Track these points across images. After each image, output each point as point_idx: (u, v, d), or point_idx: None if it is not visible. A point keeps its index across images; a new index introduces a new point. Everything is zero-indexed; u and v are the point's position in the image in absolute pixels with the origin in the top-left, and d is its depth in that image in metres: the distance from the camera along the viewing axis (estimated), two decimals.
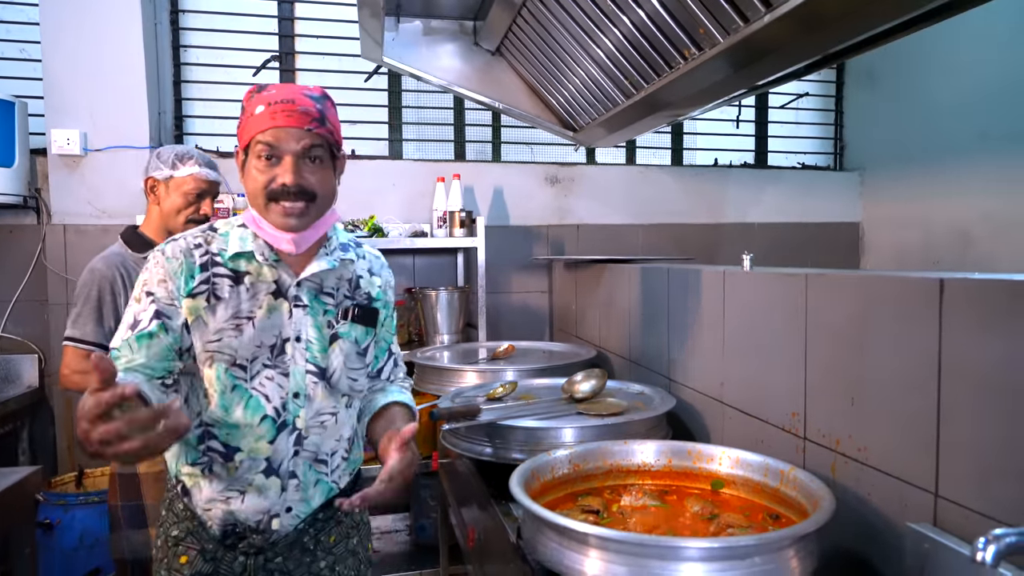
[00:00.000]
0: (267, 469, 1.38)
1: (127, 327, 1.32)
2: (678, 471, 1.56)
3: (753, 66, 1.91)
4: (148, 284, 1.35)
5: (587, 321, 3.06)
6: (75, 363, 2.04)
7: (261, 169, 1.32)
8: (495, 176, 3.68)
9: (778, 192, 4.12)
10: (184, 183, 2.12)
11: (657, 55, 2.06)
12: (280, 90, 1.35)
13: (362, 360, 1.51)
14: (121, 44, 3.08)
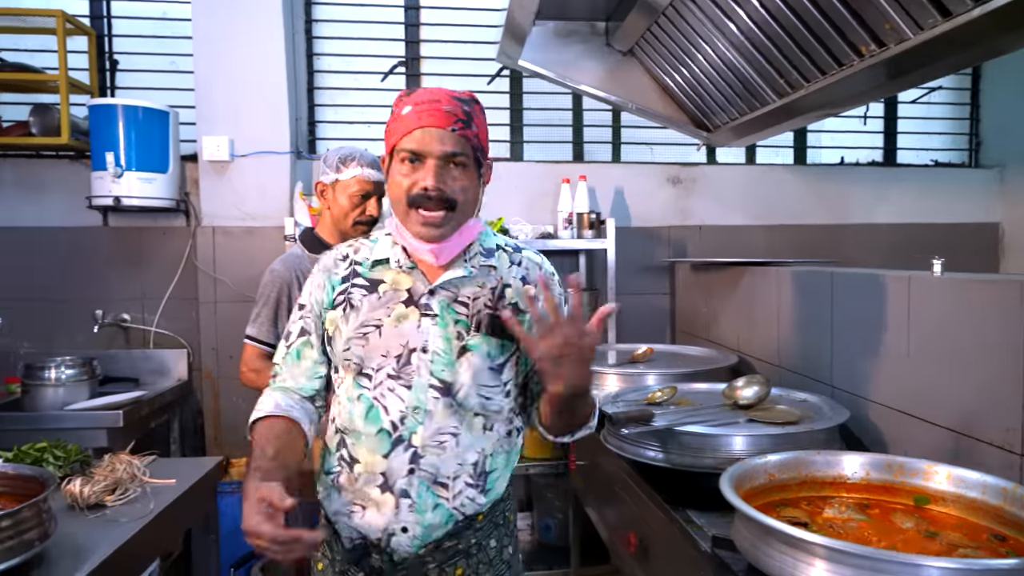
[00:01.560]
0: (383, 485, 1.31)
1: (284, 340, 1.42)
2: (877, 484, 1.50)
3: (935, 65, 1.83)
4: (303, 296, 1.43)
5: (721, 324, 3.00)
6: (252, 361, 2.15)
7: (404, 173, 1.29)
8: (615, 176, 3.66)
9: (907, 191, 3.94)
10: (348, 185, 2.16)
11: (825, 51, 2.00)
12: (427, 91, 1.32)
13: (497, 377, 1.36)
14: (264, 55, 3.22)
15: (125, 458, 1.82)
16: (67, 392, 2.74)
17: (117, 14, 3.43)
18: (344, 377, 1.37)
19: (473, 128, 1.31)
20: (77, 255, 3.29)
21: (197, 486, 1.83)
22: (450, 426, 1.32)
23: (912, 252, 3.92)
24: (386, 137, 1.33)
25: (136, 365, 3.27)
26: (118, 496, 1.62)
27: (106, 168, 2.99)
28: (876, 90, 2.17)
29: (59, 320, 3.28)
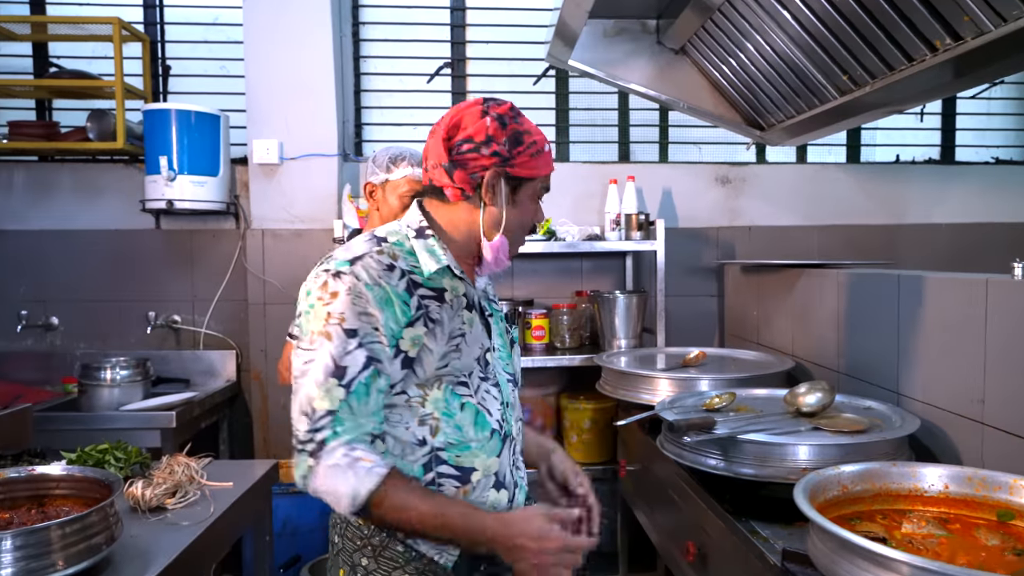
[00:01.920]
0: (496, 484, 1.35)
1: (329, 375, 1.18)
2: (957, 498, 1.43)
3: (1009, 60, 1.75)
4: (346, 318, 1.20)
5: (774, 328, 2.93)
6: (289, 359, 2.17)
7: (535, 205, 1.38)
8: (662, 177, 3.60)
9: (967, 190, 3.80)
10: (398, 185, 2.15)
11: (894, 46, 1.92)
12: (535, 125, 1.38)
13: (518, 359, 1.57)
14: (313, 58, 3.25)
15: (183, 460, 1.84)
16: (122, 392, 2.79)
17: (170, 20, 3.49)
18: (433, 392, 1.29)
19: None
20: (130, 257, 3.36)
21: (254, 489, 1.84)
22: (519, 412, 1.48)
23: (974, 253, 3.79)
24: (522, 159, 1.30)
25: (186, 366, 3.32)
26: (179, 499, 1.63)
27: (159, 172, 3.04)
28: (946, 87, 2.09)
29: (113, 321, 3.35)
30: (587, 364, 3.00)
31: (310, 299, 1.24)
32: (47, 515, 1.39)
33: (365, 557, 1.31)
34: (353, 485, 1.15)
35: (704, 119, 3.10)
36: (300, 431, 1.19)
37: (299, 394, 1.20)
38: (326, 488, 1.17)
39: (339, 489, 1.16)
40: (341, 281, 1.22)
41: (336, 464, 1.16)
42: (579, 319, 3.33)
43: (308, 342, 1.22)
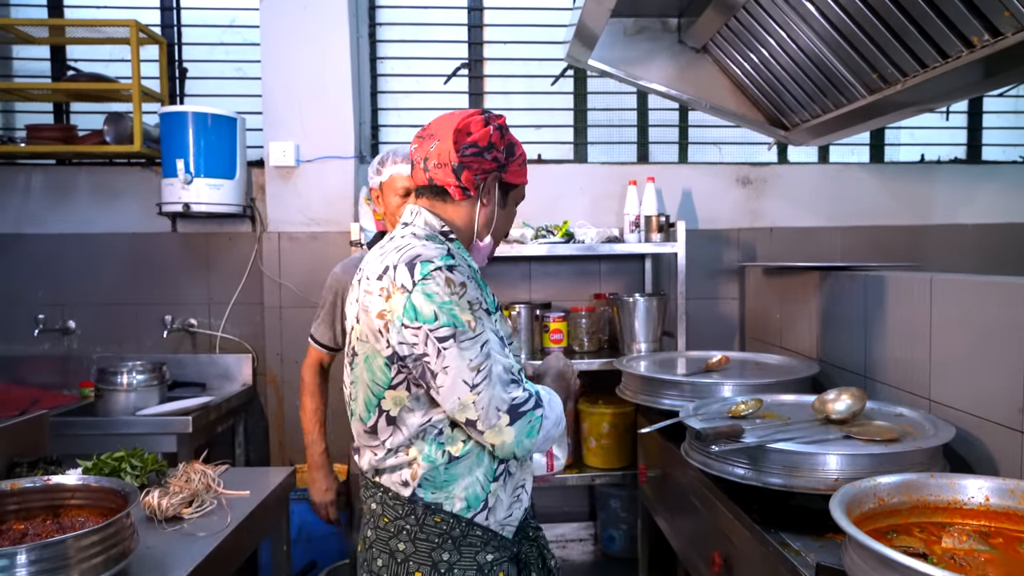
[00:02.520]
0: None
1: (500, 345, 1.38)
2: (998, 511, 1.38)
3: None
4: (482, 302, 1.36)
5: (796, 331, 2.87)
6: (309, 359, 2.24)
7: (513, 208, 1.54)
8: (682, 177, 3.55)
9: (995, 190, 3.72)
10: (392, 183, 2.15)
11: (928, 43, 1.86)
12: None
13: None
14: (330, 60, 3.22)
15: (199, 468, 1.81)
16: (138, 397, 2.78)
17: (187, 22, 3.48)
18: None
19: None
20: (147, 260, 3.35)
21: (271, 497, 1.81)
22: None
23: (1002, 254, 3.71)
24: (514, 167, 1.47)
25: (202, 370, 3.31)
26: (195, 509, 1.61)
27: (176, 175, 3.03)
28: (980, 85, 2.02)
29: (129, 324, 3.35)
30: (606, 368, 2.95)
31: (439, 295, 1.28)
32: (63, 526, 1.37)
33: (447, 551, 1.36)
34: (559, 401, 1.46)
35: (726, 119, 3.04)
36: (518, 396, 1.33)
37: (496, 373, 1.31)
38: (554, 418, 1.40)
39: (559, 410, 1.44)
40: (459, 273, 1.33)
41: (548, 400, 1.41)
42: (597, 322, 3.28)
43: (471, 329, 1.30)
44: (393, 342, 1.30)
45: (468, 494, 1.38)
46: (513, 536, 1.46)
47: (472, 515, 1.38)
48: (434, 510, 1.37)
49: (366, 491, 1.44)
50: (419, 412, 1.34)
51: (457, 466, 1.37)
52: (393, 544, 1.37)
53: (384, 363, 1.33)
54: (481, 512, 1.39)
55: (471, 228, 1.46)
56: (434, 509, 1.37)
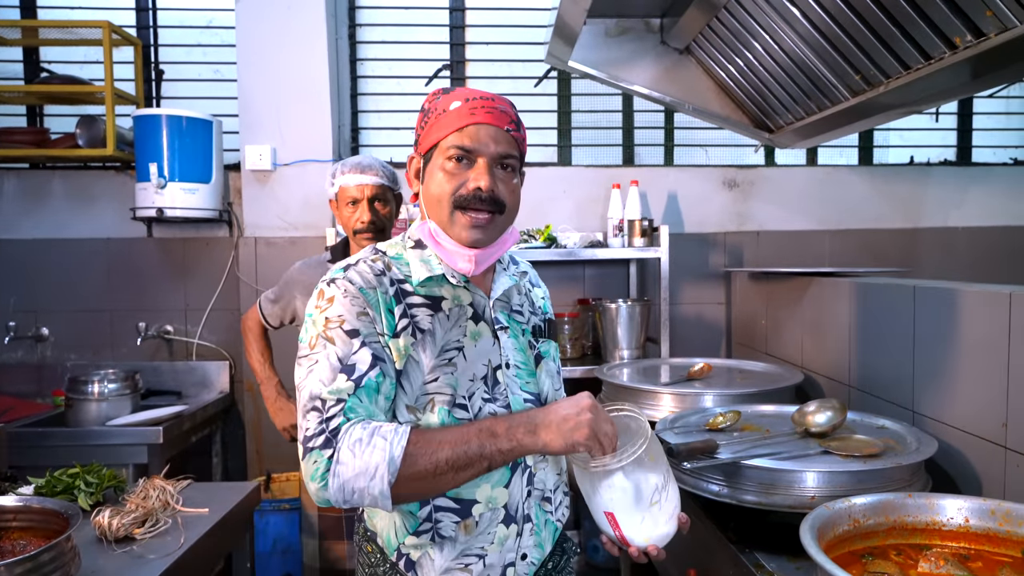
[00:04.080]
0: (505, 517, 1.22)
1: (336, 371, 1.10)
2: (979, 533, 1.32)
3: None
4: (345, 319, 1.13)
5: (783, 338, 2.81)
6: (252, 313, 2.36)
7: (451, 171, 1.18)
8: (668, 181, 3.49)
9: (986, 192, 3.66)
10: (343, 194, 2.13)
11: (910, 44, 1.81)
12: (475, 89, 1.25)
13: (559, 379, 1.41)
14: (308, 62, 3.17)
15: (159, 483, 1.75)
16: (109, 406, 2.72)
17: (163, 23, 3.42)
18: (426, 416, 1.17)
19: (522, 131, 1.26)
20: (122, 266, 3.29)
21: (232, 514, 1.75)
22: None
23: (995, 258, 3.66)
24: (422, 136, 1.23)
25: (179, 377, 3.25)
26: (148, 528, 1.55)
27: (149, 179, 2.97)
28: (965, 87, 1.97)
29: (104, 332, 3.29)
30: (588, 376, 2.89)
31: (308, 310, 1.19)
32: (2, 550, 1.31)
33: None
34: (384, 448, 1.05)
35: (710, 121, 2.99)
36: (310, 427, 1.08)
37: (302, 396, 1.12)
38: (356, 468, 1.04)
39: (371, 460, 1.05)
40: (336, 286, 1.17)
41: (359, 439, 1.06)
42: (581, 328, 3.22)
43: (309, 347, 1.15)
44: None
45: (388, 535, 1.21)
46: None
47: (395, 559, 1.21)
48: (369, 537, 1.25)
49: None
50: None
51: None
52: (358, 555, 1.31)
53: None
54: (400, 560, 1.20)
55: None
56: (369, 537, 1.25)
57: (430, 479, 1.09)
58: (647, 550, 1.20)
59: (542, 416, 1.13)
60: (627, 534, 1.18)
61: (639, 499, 1.16)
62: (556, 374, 1.40)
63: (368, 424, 1.08)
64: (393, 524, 1.21)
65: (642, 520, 1.17)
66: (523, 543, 1.25)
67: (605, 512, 1.18)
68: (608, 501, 1.17)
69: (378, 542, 1.23)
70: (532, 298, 1.41)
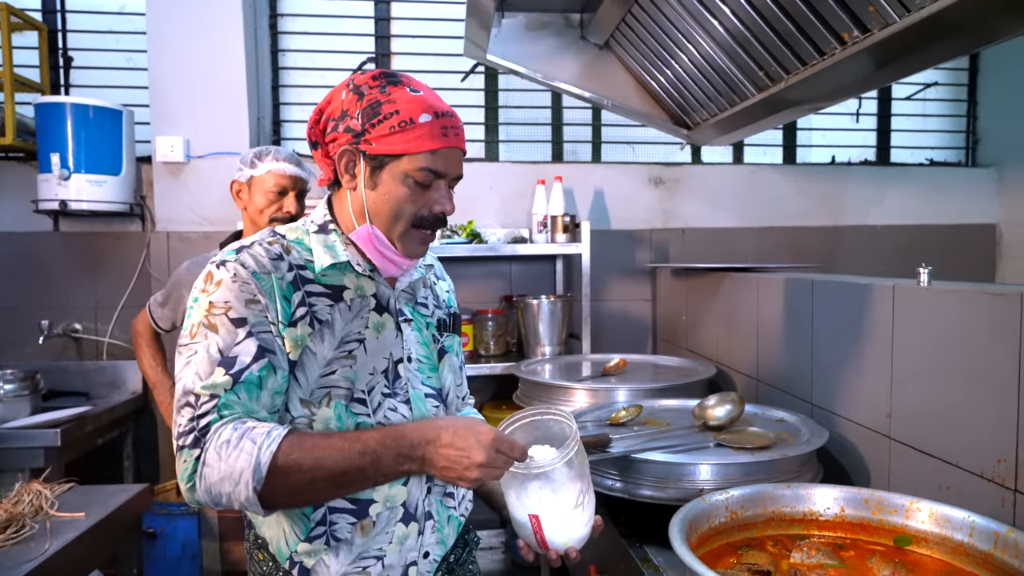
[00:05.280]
0: (404, 516, 1.19)
1: (214, 363, 1.04)
2: (853, 522, 1.34)
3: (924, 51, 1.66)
4: (232, 306, 1.07)
5: (701, 334, 2.84)
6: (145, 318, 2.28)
7: (416, 190, 1.14)
8: (595, 177, 3.50)
9: (903, 191, 3.77)
10: (264, 181, 2.06)
11: (805, 40, 1.83)
12: (430, 94, 1.16)
13: (461, 375, 1.39)
14: (223, 51, 3.07)
15: (35, 488, 1.66)
16: (6, 408, 2.59)
17: (72, 8, 3.27)
18: (321, 411, 1.12)
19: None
20: (26, 262, 3.14)
21: (113, 519, 1.66)
22: None
23: (911, 255, 3.76)
24: (376, 134, 1.11)
25: (88, 378, 3.11)
26: (10, 535, 1.46)
27: (51, 170, 2.84)
28: (861, 82, 2.00)
29: (7, 330, 3.13)
30: (508, 372, 2.87)
31: (193, 293, 1.11)
32: None
33: None
34: (252, 453, 0.99)
35: (632, 118, 2.99)
36: (182, 424, 1.03)
37: (177, 389, 1.05)
38: (221, 472, 0.99)
39: (236, 465, 0.99)
40: (225, 269, 1.10)
41: (227, 440, 1.00)
42: (505, 325, 3.20)
43: (189, 336, 1.08)
44: None
45: (279, 543, 1.16)
46: None
47: (287, 567, 1.16)
48: (260, 545, 1.20)
49: None
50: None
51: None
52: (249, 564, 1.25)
53: None
54: (293, 568, 1.15)
55: (347, 219, 1.20)
56: (260, 544, 1.20)
57: (306, 491, 1.05)
58: (567, 552, 1.19)
59: (432, 452, 1.07)
60: (549, 536, 1.17)
61: (566, 502, 1.15)
62: (459, 369, 1.37)
63: (241, 424, 1.02)
64: (283, 531, 1.15)
65: (566, 522, 1.17)
66: (425, 541, 1.22)
67: (530, 515, 1.16)
68: (535, 503, 1.15)
69: (269, 550, 1.18)
70: (437, 291, 1.38)
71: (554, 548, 1.18)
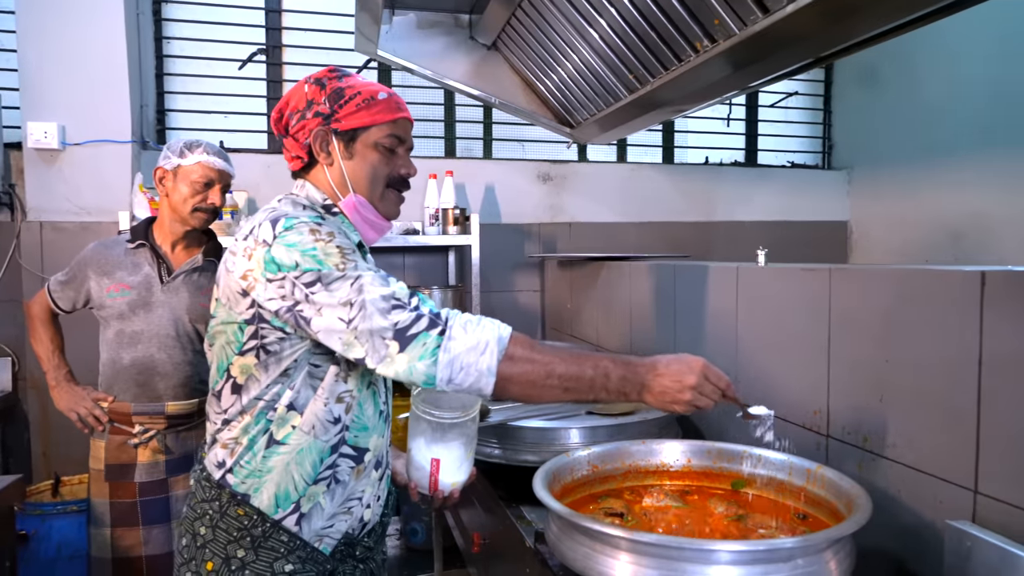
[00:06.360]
0: (377, 463, 1.37)
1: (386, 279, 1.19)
2: (698, 471, 1.51)
3: (765, 61, 1.88)
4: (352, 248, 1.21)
5: (583, 319, 3.02)
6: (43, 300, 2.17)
7: (386, 156, 1.34)
8: (487, 173, 3.63)
9: (768, 191, 4.12)
10: (191, 171, 2.05)
11: (666, 47, 2.02)
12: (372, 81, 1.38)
13: None
14: (102, 35, 2.97)
15: None
16: None
17: None
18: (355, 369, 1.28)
19: None
20: None
21: None
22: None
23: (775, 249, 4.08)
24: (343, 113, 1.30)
25: None
26: None
27: None
28: (719, 85, 2.20)
29: None
30: None
31: (301, 243, 1.17)
32: None
33: (242, 548, 1.26)
34: (494, 329, 1.15)
35: (519, 116, 3.14)
36: (401, 319, 1.14)
37: (371, 302, 1.14)
38: (468, 344, 1.13)
39: (483, 336, 1.14)
40: (329, 226, 1.22)
41: (469, 320, 1.16)
42: None
43: (338, 269, 1.16)
44: (260, 300, 1.20)
45: (279, 491, 1.26)
46: (333, 552, 1.32)
47: (280, 516, 1.26)
48: (239, 501, 1.26)
49: (194, 467, 1.37)
50: (262, 382, 1.25)
51: (275, 456, 1.25)
52: (196, 526, 1.29)
53: (240, 326, 1.24)
54: (291, 515, 1.26)
55: (332, 194, 1.35)
56: (240, 500, 1.26)
57: (537, 382, 1.16)
58: (451, 494, 1.42)
59: (651, 378, 1.20)
60: (443, 478, 1.38)
61: (465, 450, 1.38)
62: None
63: (453, 313, 1.18)
64: (292, 478, 1.26)
65: (459, 467, 1.38)
66: (381, 487, 1.41)
67: (433, 458, 1.36)
68: (442, 448, 1.36)
69: (253, 503, 1.25)
70: None
71: (442, 488, 1.39)
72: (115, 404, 2.07)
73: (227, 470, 1.26)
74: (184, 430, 2.09)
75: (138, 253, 2.10)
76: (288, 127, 1.35)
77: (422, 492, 1.41)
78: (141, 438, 2.06)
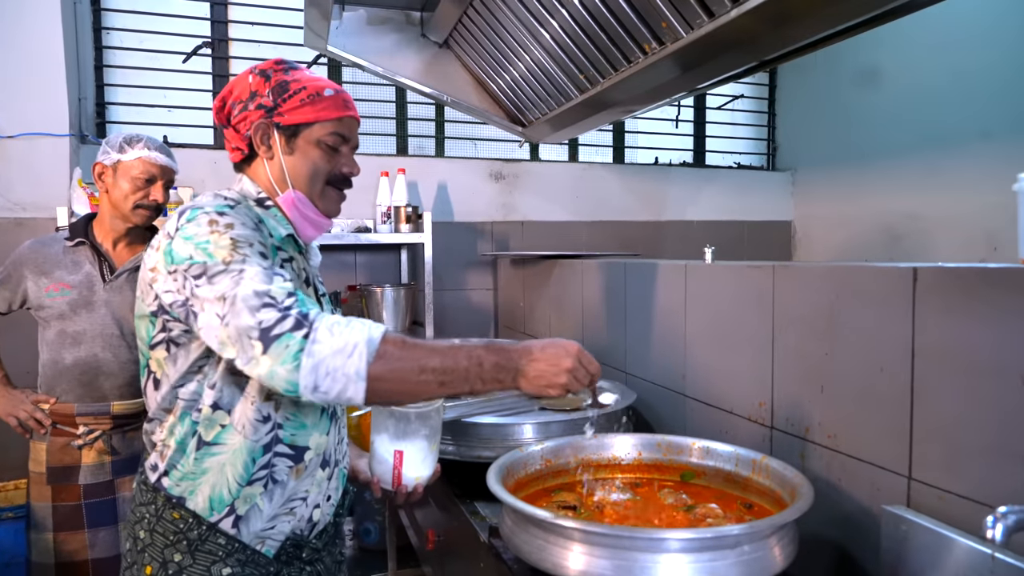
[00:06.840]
0: (323, 461, 1.33)
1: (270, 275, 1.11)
2: (649, 464, 1.55)
3: (711, 63, 1.93)
4: (253, 243, 1.16)
5: (536, 317, 3.04)
6: None
7: (328, 153, 1.31)
8: (439, 171, 3.62)
9: (715, 191, 4.22)
10: (132, 167, 2.00)
11: (616, 49, 2.05)
12: (320, 77, 1.35)
13: None
14: (37, 24, 2.86)
15: None
16: None
17: None
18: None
19: None
20: None
21: None
22: None
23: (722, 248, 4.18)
24: (287, 107, 1.27)
25: None
26: None
27: None
28: (667, 86, 2.25)
29: None
30: None
31: (197, 235, 1.14)
32: None
33: (179, 552, 1.23)
34: (363, 330, 1.06)
35: (471, 115, 3.14)
36: (269, 318, 1.05)
37: (242, 297, 1.07)
38: (334, 347, 1.04)
39: (350, 338, 1.05)
40: (231, 216, 1.19)
41: (337, 321, 1.07)
42: (350, 313, 3.23)
43: (223, 262, 1.11)
44: (160, 292, 1.17)
45: (213, 493, 1.22)
46: (277, 554, 1.27)
47: (216, 519, 1.22)
48: (175, 504, 1.23)
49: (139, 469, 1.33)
50: (171, 377, 1.22)
51: (207, 458, 1.21)
52: (136, 530, 1.27)
53: (150, 319, 1.22)
54: (227, 518, 1.23)
55: (270, 188, 1.32)
56: (175, 503, 1.23)
57: (410, 379, 1.09)
58: (415, 488, 1.40)
59: (525, 363, 1.15)
60: (406, 472, 1.37)
61: (429, 443, 1.37)
62: None
63: (321, 314, 1.08)
64: (226, 478, 1.22)
65: (422, 462, 1.38)
66: (331, 486, 1.36)
67: (397, 450, 1.35)
68: (406, 441, 1.35)
69: (188, 506, 1.22)
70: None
71: (406, 483, 1.38)
72: (57, 405, 2.00)
73: (162, 473, 1.24)
74: (131, 430, 2.03)
75: (78, 251, 2.03)
76: (230, 117, 1.32)
77: (385, 488, 1.40)
78: (85, 439, 2.00)
